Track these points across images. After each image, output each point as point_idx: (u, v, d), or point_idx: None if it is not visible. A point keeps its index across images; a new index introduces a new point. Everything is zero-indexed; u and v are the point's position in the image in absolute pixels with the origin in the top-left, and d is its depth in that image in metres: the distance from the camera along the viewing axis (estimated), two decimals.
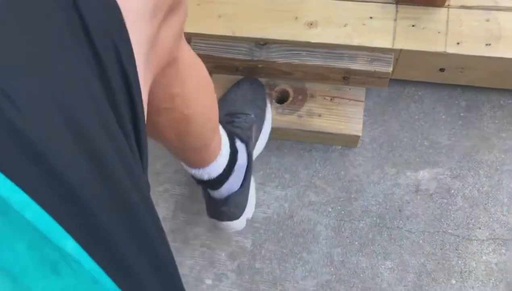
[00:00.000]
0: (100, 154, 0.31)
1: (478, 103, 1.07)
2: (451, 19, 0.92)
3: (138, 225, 0.34)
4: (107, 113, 0.33)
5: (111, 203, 0.32)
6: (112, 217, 0.32)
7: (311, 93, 1.03)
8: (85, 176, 0.30)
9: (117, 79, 0.35)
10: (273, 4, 0.97)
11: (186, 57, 0.60)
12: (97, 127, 0.32)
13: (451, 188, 1.03)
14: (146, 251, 0.35)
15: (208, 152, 0.80)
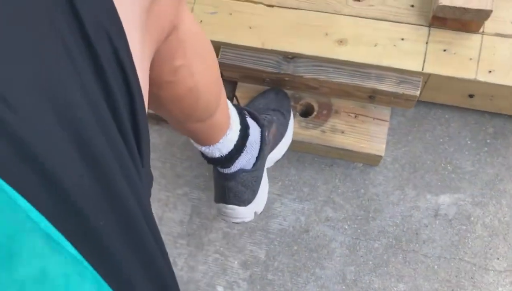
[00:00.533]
0: (98, 158, 0.31)
1: (505, 131, 1.05)
2: (485, 46, 0.90)
3: (134, 231, 0.34)
4: (104, 111, 0.32)
5: (108, 208, 0.31)
6: (108, 222, 0.31)
7: (336, 109, 1.02)
8: (81, 180, 0.30)
9: (112, 70, 0.34)
10: (304, 18, 0.97)
11: (187, 25, 0.58)
12: (94, 128, 0.31)
13: (471, 215, 1.02)
14: (140, 257, 0.34)
15: (215, 124, 0.77)
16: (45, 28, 0.31)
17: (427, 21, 0.93)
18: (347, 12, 0.96)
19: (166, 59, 0.57)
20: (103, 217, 0.31)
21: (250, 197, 0.89)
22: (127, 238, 0.33)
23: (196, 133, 0.78)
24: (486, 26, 0.91)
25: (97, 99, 0.32)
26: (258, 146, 0.87)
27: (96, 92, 0.32)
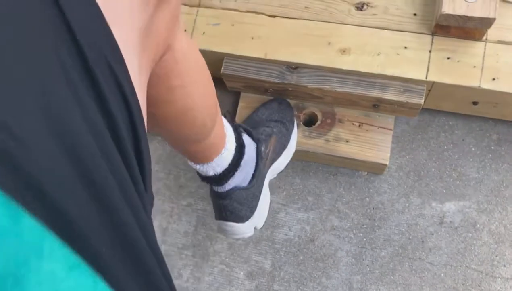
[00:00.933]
0: (102, 188, 0.31)
1: (510, 137, 1.05)
2: (488, 54, 0.90)
3: (138, 259, 0.34)
4: (107, 139, 0.33)
5: (111, 236, 0.32)
6: (111, 251, 0.32)
7: (339, 118, 1.02)
8: (82, 206, 0.30)
9: (113, 97, 0.34)
10: (307, 28, 0.97)
11: (183, 45, 0.58)
12: (97, 157, 0.31)
13: (477, 222, 1.02)
14: (142, 280, 0.35)
15: (211, 144, 0.77)
16: (47, 57, 0.31)
17: (430, 30, 0.93)
18: (350, 22, 0.96)
19: (162, 79, 0.57)
20: (107, 245, 0.31)
21: (247, 213, 0.89)
22: (131, 265, 0.33)
23: (190, 152, 0.78)
24: (489, 34, 0.91)
25: (100, 127, 0.32)
26: (254, 163, 0.87)
27: (98, 120, 0.32)
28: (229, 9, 1.00)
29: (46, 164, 0.28)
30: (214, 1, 1.01)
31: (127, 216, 0.33)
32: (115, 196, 0.32)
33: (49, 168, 0.28)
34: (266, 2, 1.00)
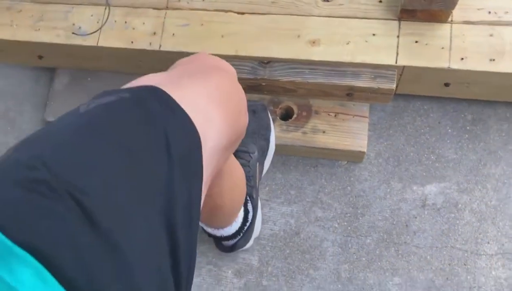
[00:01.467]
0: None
1: (484, 116, 1.06)
2: (455, 34, 0.92)
3: None
4: (167, 268, 0.39)
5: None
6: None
7: (315, 110, 1.03)
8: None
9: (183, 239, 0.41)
10: (276, 23, 0.97)
11: (226, 166, 0.67)
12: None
13: (459, 202, 1.03)
14: None
15: (229, 220, 0.91)
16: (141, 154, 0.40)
17: (396, 15, 0.94)
18: (317, 13, 0.97)
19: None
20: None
21: (248, 241, 1.00)
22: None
23: (208, 221, 0.90)
24: (454, 15, 0.92)
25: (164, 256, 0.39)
26: (250, 222, 0.96)
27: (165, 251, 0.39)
28: (197, 9, 1.00)
29: None
30: (182, 2, 1.01)
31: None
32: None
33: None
34: (233, 0, 1.00)
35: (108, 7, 1.03)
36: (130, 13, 1.02)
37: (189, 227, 0.42)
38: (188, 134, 0.44)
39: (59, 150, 0.37)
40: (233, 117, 0.52)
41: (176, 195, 0.40)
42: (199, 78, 0.51)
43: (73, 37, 1.03)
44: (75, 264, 0.31)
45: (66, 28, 1.04)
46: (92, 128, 0.39)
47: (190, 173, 0.43)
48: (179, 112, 0.44)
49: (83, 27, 1.03)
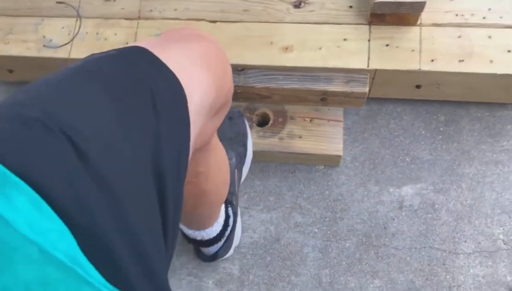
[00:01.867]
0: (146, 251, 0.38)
1: (456, 117, 1.08)
2: (424, 37, 0.94)
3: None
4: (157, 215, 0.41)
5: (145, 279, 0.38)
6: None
7: (291, 115, 1.03)
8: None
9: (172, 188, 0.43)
10: (248, 30, 0.98)
11: (214, 141, 0.69)
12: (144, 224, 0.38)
13: (435, 202, 1.04)
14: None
15: (210, 218, 0.90)
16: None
17: (367, 20, 0.95)
18: (289, 20, 0.98)
19: (193, 165, 0.65)
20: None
21: (228, 251, 0.99)
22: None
23: (189, 219, 0.88)
24: (423, 18, 0.94)
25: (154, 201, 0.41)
26: (231, 228, 0.96)
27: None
28: (170, 18, 1.00)
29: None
30: (154, 12, 1.01)
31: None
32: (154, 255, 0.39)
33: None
34: (205, 9, 1.00)
35: (79, 18, 1.03)
36: (102, 24, 1.02)
37: (177, 178, 0.43)
38: (173, 89, 0.45)
39: (52, 92, 0.39)
40: (218, 79, 0.53)
41: (163, 143, 0.41)
42: (184, 43, 0.53)
43: (44, 50, 1.01)
44: (68, 194, 0.33)
45: (36, 40, 1.02)
46: (83, 75, 0.42)
47: (177, 124, 0.44)
48: (164, 69, 0.46)
49: (54, 39, 1.02)
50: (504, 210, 1.02)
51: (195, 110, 0.48)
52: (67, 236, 0.32)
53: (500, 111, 1.08)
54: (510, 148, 1.06)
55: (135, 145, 0.39)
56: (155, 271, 0.38)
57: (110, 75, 0.43)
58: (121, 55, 0.46)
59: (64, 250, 0.31)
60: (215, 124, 0.60)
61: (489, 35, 0.92)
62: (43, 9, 1.05)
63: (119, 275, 0.35)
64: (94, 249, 0.33)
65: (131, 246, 0.36)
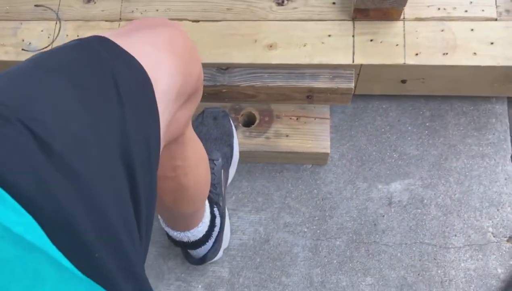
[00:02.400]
0: (118, 237, 0.37)
1: (442, 112, 1.09)
2: (408, 31, 0.94)
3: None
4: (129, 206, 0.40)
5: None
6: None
7: (277, 114, 1.02)
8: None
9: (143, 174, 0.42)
10: (232, 29, 0.97)
11: (189, 132, 0.67)
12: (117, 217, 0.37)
13: (424, 197, 1.04)
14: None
15: (194, 217, 0.87)
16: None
17: (350, 16, 0.95)
18: (272, 18, 0.98)
19: (169, 158, 0.65)
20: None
21: (217, 254, 0.98)
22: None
23: (170, 219, 0.87)
24: (406, 13, 0.95)
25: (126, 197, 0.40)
26: (218, 228, 0.94)
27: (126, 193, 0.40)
28: None
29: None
30: (135, 13, 1.00)
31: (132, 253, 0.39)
32: (127, 242, 0.38)
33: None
34: (188, 8, 0.99)
35: (59, 21, 1.01)
36: (82, 26, 1.00)
37: (148, 165, 0.42)
38: (136, 75, 0.44)
39: (9, 85, 0.37)
40: (184, 64, 0.52)
41: (130, 130, 0.40)
42: (147, 30, 0.52)
43: (23, 54, 0.99)
44: (32, 185, 0.31)
45: (15, 44, 1.00)
46: (42, 66, 0.40)
47: (143, 110, 0.43)
48: (126, 56, 0.45)
49: (34, 42, 1.00)
50: (492, 202, 1.02)
51: (162, 96, 0.47)
52: (34, 227, 0.30)
53: (484, 105, 1.08)
54: (496, 141, 1.06)
55: (101, 134, 0.38)
56: (129, 260, 0.37)
57: (70, 65, 0.42)
58: (80, 45, 0.45)
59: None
60: (187, 113, 0.59)
61: (472, 28, 0.93)
62: (22, 12, 1.02)
63: (92, 265, 0.33)
64: (64, 239, 0.32)
65: (103, 235, 0.35)
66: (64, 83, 0.39)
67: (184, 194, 0.75)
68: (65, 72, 0.40)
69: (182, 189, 0.73)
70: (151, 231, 0.45)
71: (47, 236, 0.31)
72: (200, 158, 0.76)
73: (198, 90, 0.60)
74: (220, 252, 0.99)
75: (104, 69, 0.42)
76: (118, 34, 0.48)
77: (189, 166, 0.70)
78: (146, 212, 0.42)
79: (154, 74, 0.46)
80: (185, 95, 0.54)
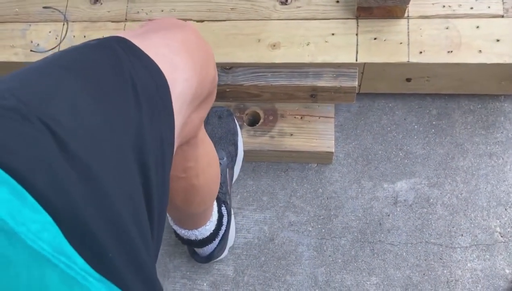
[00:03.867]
0: (130, 237, 0.37)
1: (448, 110, 1.08)
2: (412, 29, 0.93)
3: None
4: (141, 205, 0.40)
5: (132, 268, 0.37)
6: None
7: (281, 113, 1.02)
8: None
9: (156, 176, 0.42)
10: (236, 28, 0.98)
11: (202, 134, 0.68)
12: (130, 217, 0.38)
13: (430, 197, 1.03)
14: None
15: (203, 216, 0.88)
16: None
17: (354, 14, 0.95)
18: (276, 17, 0.98)
19: (181, 159, 0.66)
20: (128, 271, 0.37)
21: (223, 252, 0.99)
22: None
23: (180, 217, 0.87)
24: (410, 10, 0.94)
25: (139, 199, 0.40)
26: (225, 227, 0.95)
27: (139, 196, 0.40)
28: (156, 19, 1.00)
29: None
30: (141, 14, 1.01)
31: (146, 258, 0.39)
32: (139, 245, 0.38)
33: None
34: (192, 9, 1.00)
35: (66, 22, 1.02)
36: (89, 27, 1.01)
37: (161, 166, 0.43)
38: (154, 77, 0.45)
39: (28, 82, 0.38)
40: (200, 67, 0.52)
41: (146, 131, 0.41)
42: (163, 32, 0.53)
43: (31, 55, 1.01)
44: (50, 184, 0.32)
45: (24, 46, 1.02)
46: (60, 64, 0.41)
47: (159, 111, 0.44)
48: (145, 58, 0.45)
49: (42, 44, 1.02)
50: (500, 202, 1.01)
51: (178, 99, 0.47)
52: (51, 226, 0.31)
53: (492, 103, 1.07)
54: (504, 139, 1.05)
55: (116, 133, 0.39)
56: (142, 259, 0.38)
57: (89, 64, 0.42)
58: (100, 44, 0.45)
59: (47, 240, 0.30)
60: (200, 116, 0.59)
61: (477, 25, 0.92)
62: (31, 14, 1.04)
63: (106, 263, 0.34)
64: (79, 238, 0.32)
65: (117, 234, 0.35)
66: (81, 82, 0.39)
67: (195, 194, 0.76)
68: (83, 72, 0.41)
69: (193, 189, 0.73)
70: (162, 230, 0.46)
71: (63, 234, 0.31)
72: (212, 158, 0.77)
73: (213, 92, 0.60)
74: (226, 251, 1.00)
75: (122, 70, 0.43)
76: (135, 35, 0.49)
77: (200, 167, 0.71)
78: (158, 211, 0.43)
79: (171, 76, 0.46)
80: (201, 97, 0.55)
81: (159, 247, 0.45)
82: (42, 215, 0.31)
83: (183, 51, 0.51)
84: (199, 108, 0.57)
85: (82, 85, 0.39)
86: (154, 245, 0.42)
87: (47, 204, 0.31)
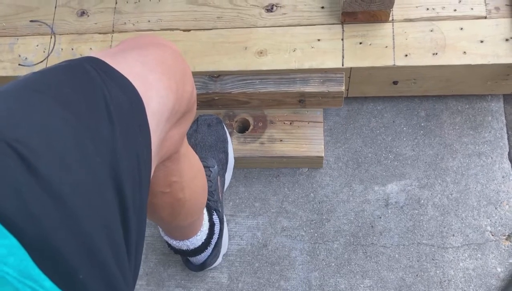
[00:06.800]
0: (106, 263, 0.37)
1: (436, 111, 1.08)
2: (397, 32, 0.94)
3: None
4: (118, 230, 0.40)
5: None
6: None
7: (270, 120, 1.03)
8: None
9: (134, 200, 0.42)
10: (222, 37, 0.98)
11: (184, 148, 0.67)
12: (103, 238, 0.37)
13: (421, 198, 1.03)
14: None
15: (193, 227, 0.88)
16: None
17: (339, 19, 0.96)
18: (262, 24, 0.98)
19: (164, 174, 0.65)
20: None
21: (217, 259, 0.99)
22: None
23: (169, 229, 0.88)
24: (394, 14, 0.95)
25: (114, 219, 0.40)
26: (217, 235, 0.95)
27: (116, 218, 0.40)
28: (143, 30, 1.01)
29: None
30: (128, 24, 1.02)
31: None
32: (115, 271, 0.38)
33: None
34: (178, 18, 1.01)
35: (53, 35, 1.03)
36: (76, 39, 1.02)
37: (138, 184, 0.43)
38: (127, 93, 0.45)
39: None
40: (176, 83, 0.52)
41: (120, 149, 0.41)
42: (138, 49, 0.53)
43: (19, 69, 1.01)
44: (18, 208, 0.32)
45: (12, 60, 1.02)
46: (29, 87, 0.40)
47: (134, 129, 0.44)
48: (118, 77, 0.45)
49: (30, 57, 1.02)
50: (490, 201, 1.01)
51: (154, 116, 0.47)
52: (17, 250, 0.31)
53: (479, 103, 1.08)
54: (492, 138, 1.05)
55: (88, 154, 0.38)
56: (115, 280, 0.37)
57: (59, 86, 0.42)
58: (70, 66, 0.45)
59: (13, 265, 0.30)
60: (180, 131, 0.59)
61: (461, 26, 0.93)
62: (18, 28, 1.05)
63: (77, 285, 0.34)
64: (49, 261, 0.32)
65: (88, 256, 0.35)
66: (51, 104, 0.39)
67: (181, 207, 0.75)
68: (53, 93, 0.40)
69: (179, 202, 0.73)
70: (142, 247, 0.46)
71: (31, 258, 0.32)
72: (197, 171, 0.77)
73: (192, 108, 0.60)
74: (220, 258, 1.00)
75: (94, 89, 0.42)
76: (109, 54, 0.49)
77: (185, 180, 0.71)
78: (136, 231, 0.42)
79: (146, 93, 0.46)
80: (178, 114, 0.55)
81: (139, 264, 0.45)
82: (9, 239, 0.31)
83: (158, 68, 0.51)
84: (178, 124, 0.57)
85: (52, 107, 0.39)
86: (132, 265, 0.42)
87: (13, 228, 0.31)
